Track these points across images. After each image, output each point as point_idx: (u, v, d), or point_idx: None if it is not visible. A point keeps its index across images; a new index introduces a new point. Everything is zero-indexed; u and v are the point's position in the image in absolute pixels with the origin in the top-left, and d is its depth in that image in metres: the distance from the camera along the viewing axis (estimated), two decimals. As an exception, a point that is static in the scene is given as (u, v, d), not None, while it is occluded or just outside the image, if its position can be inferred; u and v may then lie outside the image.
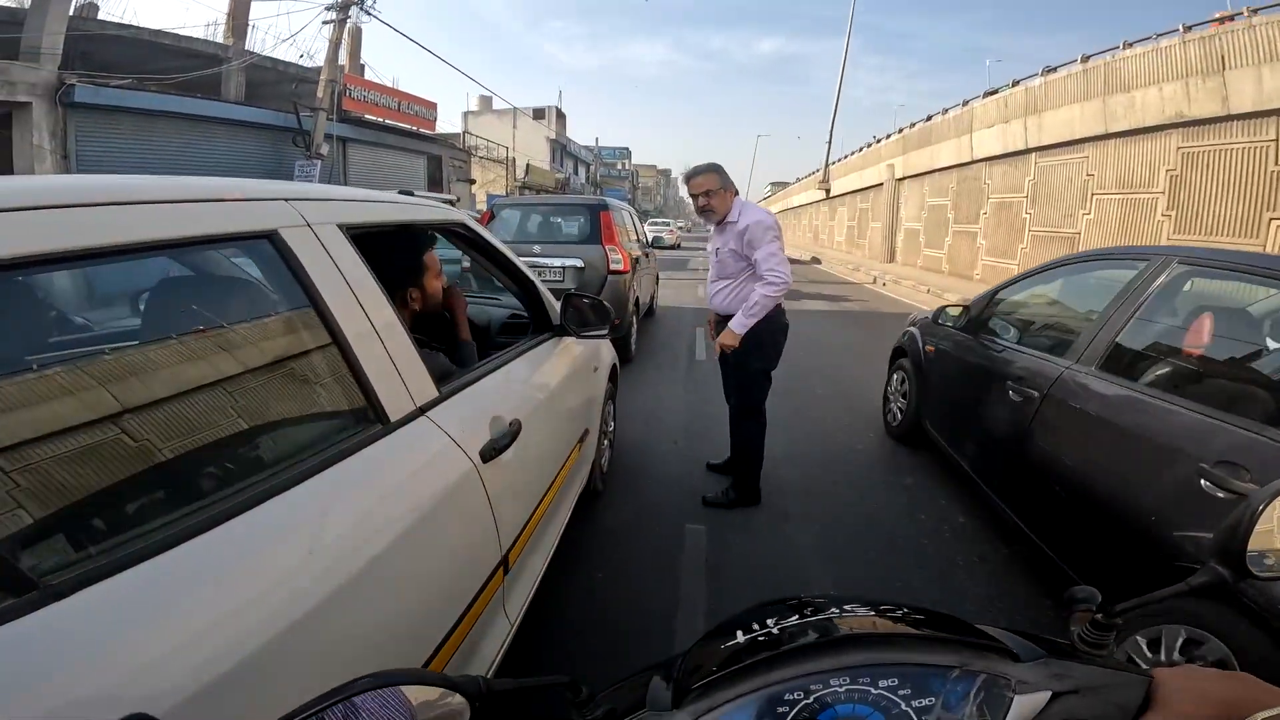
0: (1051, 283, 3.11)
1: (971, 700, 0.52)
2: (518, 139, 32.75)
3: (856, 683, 0.52)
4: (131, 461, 0.83)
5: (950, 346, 3.47)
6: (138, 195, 0.93)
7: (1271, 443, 1.58)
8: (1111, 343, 2.26)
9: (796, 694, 0.52)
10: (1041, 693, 0.52)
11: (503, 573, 1.52)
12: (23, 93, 10.41)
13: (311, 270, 1.11)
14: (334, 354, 1.12)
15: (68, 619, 0.67)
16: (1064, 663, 0.56)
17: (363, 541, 1.02)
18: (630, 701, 0.58)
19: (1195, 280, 2.23)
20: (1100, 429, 2.12)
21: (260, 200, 1.11)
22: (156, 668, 0.71)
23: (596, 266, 5.81)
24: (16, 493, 0.71)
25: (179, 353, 0.99)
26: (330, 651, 0.92)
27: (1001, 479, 2.77)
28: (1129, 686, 0.53)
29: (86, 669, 0.67)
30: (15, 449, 0.73)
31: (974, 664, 0.54)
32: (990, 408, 2.82)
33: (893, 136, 21.67)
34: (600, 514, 3.00)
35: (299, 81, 16.48)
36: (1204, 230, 8.90)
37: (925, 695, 0.52)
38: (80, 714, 0.63)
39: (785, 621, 0.63)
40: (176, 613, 0.76)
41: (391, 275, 1.70)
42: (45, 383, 0.81)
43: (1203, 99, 8.82)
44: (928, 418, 3.73)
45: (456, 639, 1.26)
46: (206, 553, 0.82)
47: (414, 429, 1.26)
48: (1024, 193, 13.50)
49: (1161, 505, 1.79)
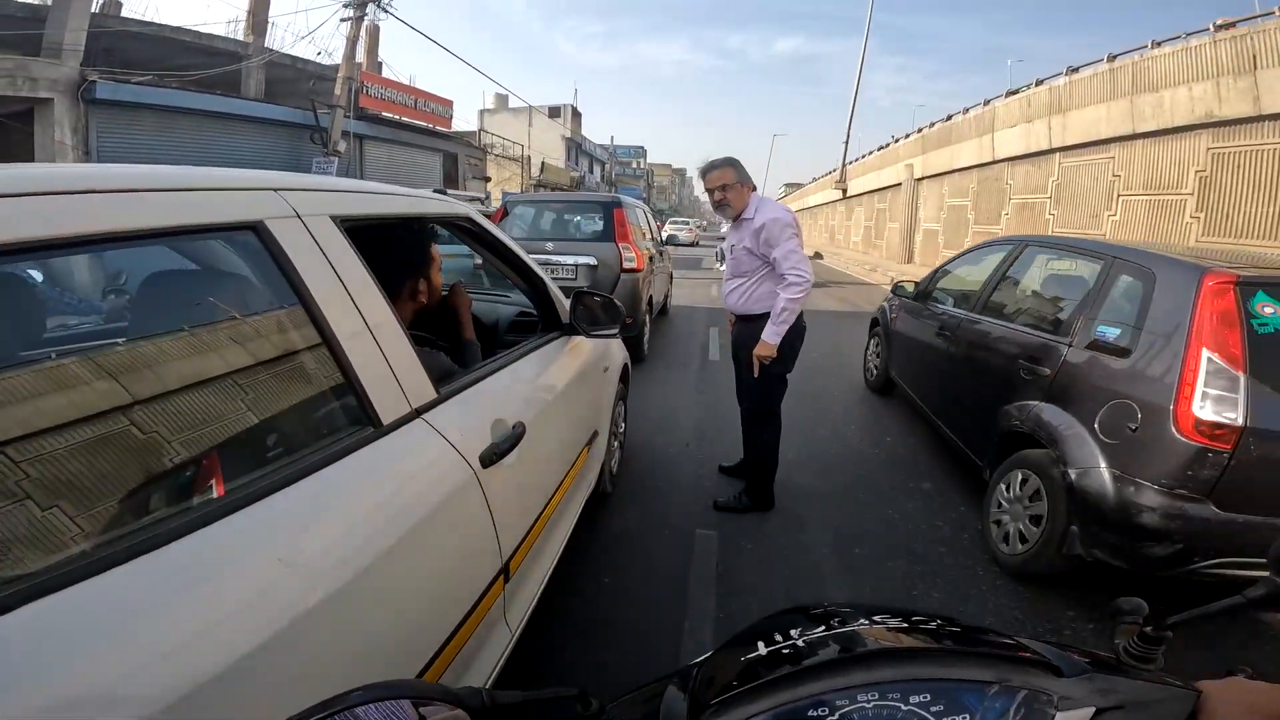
0: (975, 263, 4.16)
1: (1010, 717, 0.49)
2: (533, 137, 32.79)
3: (886, 699, 0.50)
4: (101, 464, 0.78)
5: (907, 311, 4.68)
6: (114, 183, 0.87)
7: (1055, 344, 2.71)
8: (987, 297, 3.58)
9: (821, 711, 0.49)
10: (1085, 709, 0.50)
11: (503, 581, 1.46)
12: (45, 89, 10.56)
13: (300, 264, 1.05)
14: (323, 352, 1.05)
15: (21, 629, 0.62)
16: (1109, 677, 0.54)
17: (349, 550, 0.96)
18: (643, 714, 0.56)
19: (1039, 256, 3.50)
20: (977, 349, 3.40)
21: (245, 190, 1.05)
22: (119, 679, 0.66)
23: (610, 264, 5.75)
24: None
25: (157, 350, 0.93)
26: (309, 664, 0.86)
27: (933, 397, 3.99)
28: (1175, 701, 0.51)
29: (34, 682, 0.61)
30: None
31: (1013, 679, 0.52)
32: (927, 350, 4.09)
33: (911, 136, 21.40)
34: (609, 517, 2.93)
35: (317, 79, 16.59)
36: (1234, 232, 8.66)
37: (959, 712, 0.49)
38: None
39: (810, 633, 0.60)
40: (142, 623, 0.71)
41: (399, 266, 1.65)
42: (15, 380, 0.76)
43: (1233, 99, 8.57)
44: (894, 368, 4.88)
45: (453, 649, 1.21)
46: (176, 562, 0.76)
47: (408, 432, 1.19)
48: (1047, 193, 13.25)
49: (1001, 389, 2.95)
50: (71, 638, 0.66)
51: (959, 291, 4.14)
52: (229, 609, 0.79)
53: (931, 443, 4.13)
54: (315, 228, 1.11)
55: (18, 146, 10.77)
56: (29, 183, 0.79)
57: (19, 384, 0.75)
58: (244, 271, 1.10)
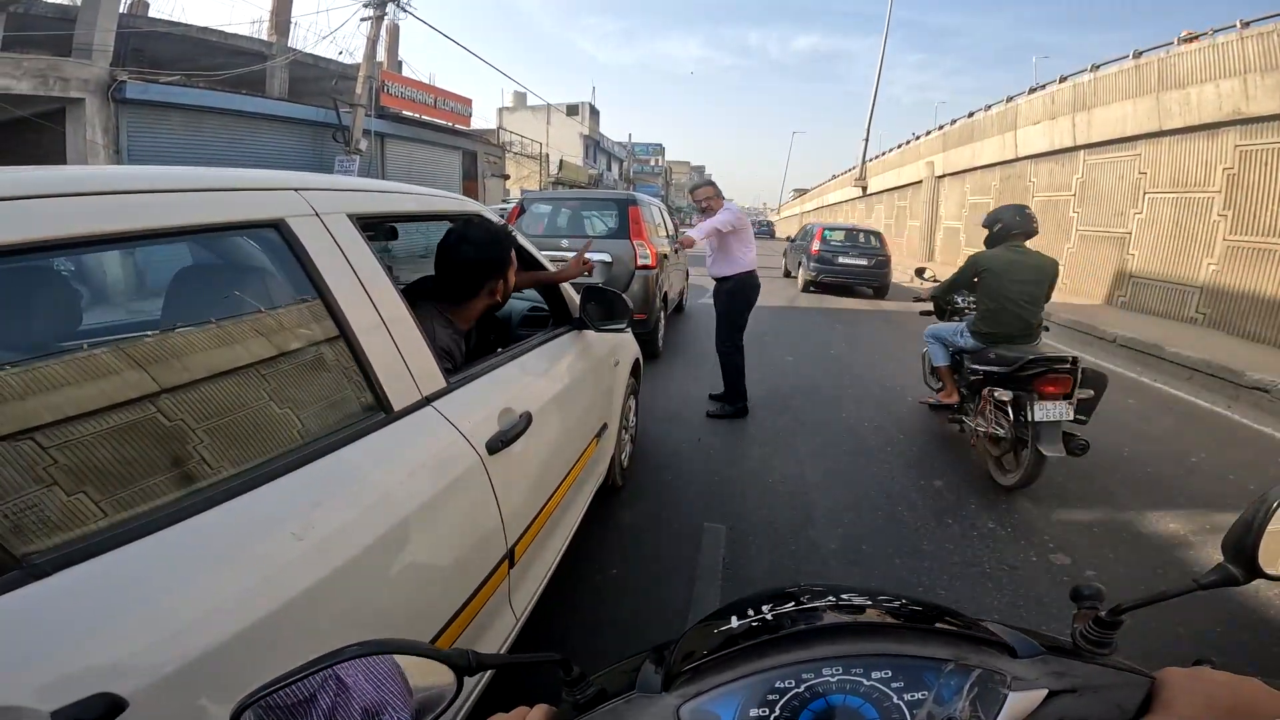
0: None
1: (965, 695, 0.50)
2: (551, 135, 32.90)
3: (849, 673, 0.51)
4: (127, 444, 0.84)
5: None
6: (144, 184, 0.94)
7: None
8: None
9: (788, 682, 0.51)
10: (1037, 690, 0.51)
11: (508, 566, 1.51)
12: (76, 89, 10.81)
13: (318, 259, 1.11)
14: (339, 343, 1.11)
15: (51, 596, 0.69)
16: (1063, 660, 0.54)
17: (357, 528, 1.02)
18: (621, 684, 0.57)
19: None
20: None
21: (268, 190, 1.11)
22: (134, 646, 0.72)
23: (625, 262, 5.79)
24: (8, 473, 0.72)
25: (184, 339, 0.99)
26: (311, 635, 0.91)
27: None
28: (1129, 686, 0.52)
29: (67, 647, 0.68)
30: (12, 432, 0.74)
31: (969, 658, 0.53)
32: None
33: (933, 133, 21.13)
34: (618, 509, 2.98)
35: (339, 78, 16.80)
36: (1262, 230, 8.47)
37: (918, 689, 0.50)
38: (52, 688, 0.64)
39: (781, 608, 0.62)
40: (159, 591, 0.78)
41: (485, 266, 1.77)
42: (53, 369, 0.82)
43: (1261, 96, 8.37)
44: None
45: (455, 630, 1.25)
46: (195, 536, 0.83)
47: (418, 418, 1.25)
48: (1071, 191, 13.03)
49: None
50: (118, 593, 0.73)
51: None
52: (247, 577, 0.85)
53: (943, 442, 4.14)
54: (333, 225, 1.18)
55: (49, 145, 11.06)
56: (76, 184, 0.85)
57: (62, 370, 0.81)
58: (267, 266, 1.16)
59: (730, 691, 0.52)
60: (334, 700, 0.50)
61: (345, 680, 0.50)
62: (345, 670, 0.49)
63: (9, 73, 10.06)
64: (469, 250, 1.74)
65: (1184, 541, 2.95)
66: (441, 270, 1.79)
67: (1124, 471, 3.78)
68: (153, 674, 0.71)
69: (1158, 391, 5.96)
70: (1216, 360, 6.17)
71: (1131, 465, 3.90)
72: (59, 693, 0.65)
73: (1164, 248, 10.20)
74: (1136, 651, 0.53)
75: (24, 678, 0.64)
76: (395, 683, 0.52)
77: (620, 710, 0.54)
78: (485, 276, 1.79)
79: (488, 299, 1.84)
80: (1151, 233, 10.63)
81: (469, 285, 1.78)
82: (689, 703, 0.52)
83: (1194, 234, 9.64)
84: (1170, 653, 2.09)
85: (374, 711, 0.51)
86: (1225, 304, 8.77)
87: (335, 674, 0.49)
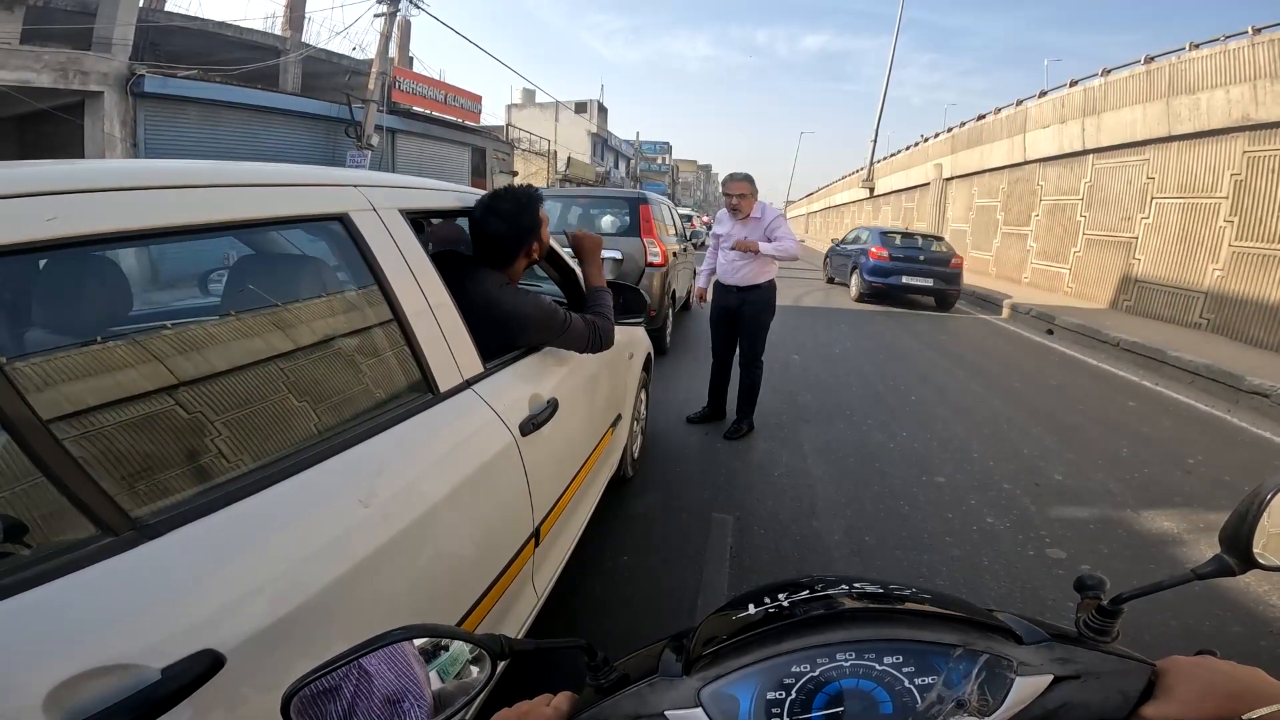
0: None
1: (973, 680, 0.52)
2: (559, 132, 32.97)
3: (862, 658, 0.54)
4: (216, 419, 0.94)
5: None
6: (228, 179, 1.05)
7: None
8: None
9: (804, 666, 0.54)
10: (1043, 676, 0.53)
11: (534, 545, 1.60)
12: (95, 82, 10.92)
13: (377, 250, 1.22)
14: (394, 328, 1.22)
15: (160, 556, 0.76)
16: (1067, 647, 0.56)
17: (414, 497, 1.12)
18: (643, 668, 0.60)
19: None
20: None
21: (333, 185, 1.22)
22: (231, 605, 0.79)
23: (635, 259, 5.89)
24: (118, 444, 0.81)
25: (256, 324, 1.10)
26: (375, 599, 0.99)
27: None
28: (1131, 674, 0.54)
29: (174, 605, 0.75)
30: (121, 404, 0.83)
31: (977, 644, 0.55)
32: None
33: (941, 135, 21.13)
34: (629, 499, 3.08)
35: (351, 74, 16.91)
36: (1268, 237, 8.50)
37: (929, 673, 0.53)
38: (161, 646, 0.70)
39: (796, 596, 0.66)
40: (251, 554, 0.86)
41: (523, 232, 1.89)
42: (145, 348, 0.92)
43: (1270, 102, 8.40)
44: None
45: (486, 605, 1.33)
46: (278, 502, 0.92)
47: (461, 400, 1.36)
48: (1079, 195, 13.06)
49: None
50: (213, 556, 0.82)
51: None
52: (321, 541, 0.94)
53: (945, 438, 4.23)
54: (388, 219, 1.29)
55: (67, 138, 11.20)
56: (170, 177, 0.96)
57: (160, 350, 0.92)
58: (331, 257, 1.27)
59: (748, 675, 0.54)
60: (356, 688, 0.50)
61: (368, 668, 0.51)
62: (368, 657, 0.50)
63: (29, 65, 10.19)
64: (498, 225, 1.85)
65: (1179, 539, 3.04)
66: (478, 243, 1.91)
67: (1122, 471, 3.87)
68: (247, 632, 0.78)
69: (1159, 395, 6.03)
70: (1218, 365, 6.24)
71: (1130, 465, 3.99)
72: (168, 650, 0.69)
73: (1170, 253, 10.24)
74: (1131, 645, 0.60)
75: (139, 636, 0.69)
76: (415, 669, 0.53)
77: (643, 693, 0.56)
78: (519, 244, 1.91)
79: (526, 260, 1.98)
80: (1158, 237, 10.66)
81: (506, 254, 1.91)
82: (709, 685, 0.54)
83: (1200, 239, 9.67)
84: (1166, 646, 2.19)
85: (395, 699, 0.51)
86: (1230, 309, 8.81)
87: (359, 662, 0.49)
